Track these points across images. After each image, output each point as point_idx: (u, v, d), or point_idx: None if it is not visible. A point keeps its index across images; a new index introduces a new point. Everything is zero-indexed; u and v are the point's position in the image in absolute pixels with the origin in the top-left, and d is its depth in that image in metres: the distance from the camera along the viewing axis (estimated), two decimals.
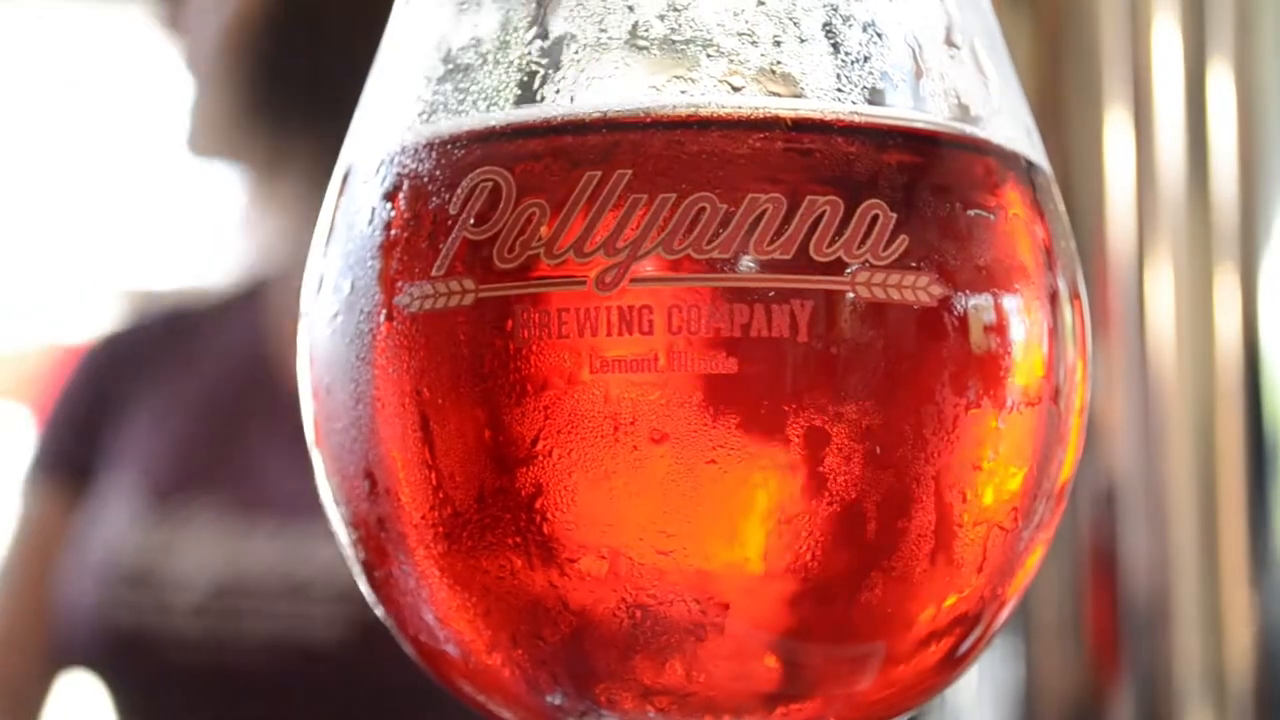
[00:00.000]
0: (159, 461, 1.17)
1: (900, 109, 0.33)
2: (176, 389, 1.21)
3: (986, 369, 0.32)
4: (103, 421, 1.23)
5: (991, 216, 0.33)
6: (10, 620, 1.25)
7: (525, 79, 0.33)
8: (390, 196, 0.33)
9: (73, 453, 1.24)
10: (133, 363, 1.26)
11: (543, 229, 0.31)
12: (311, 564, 1.07)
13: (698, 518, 0.30)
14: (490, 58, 0.33)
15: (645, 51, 0.32)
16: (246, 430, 1.16)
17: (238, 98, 1.21)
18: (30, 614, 1.23)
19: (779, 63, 0.32)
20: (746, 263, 0.30)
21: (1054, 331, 0.34)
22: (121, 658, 1.13)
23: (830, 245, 0.30)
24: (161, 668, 1.10)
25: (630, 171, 0.31)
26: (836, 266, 0.30)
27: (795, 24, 0.32)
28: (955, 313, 0.31)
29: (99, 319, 1.38)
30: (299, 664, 1.06)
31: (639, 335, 0.30)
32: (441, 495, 0.32)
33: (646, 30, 0.32)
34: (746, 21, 0.32)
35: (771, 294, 0.30)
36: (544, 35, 0.33)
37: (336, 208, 0.35)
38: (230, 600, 1.08)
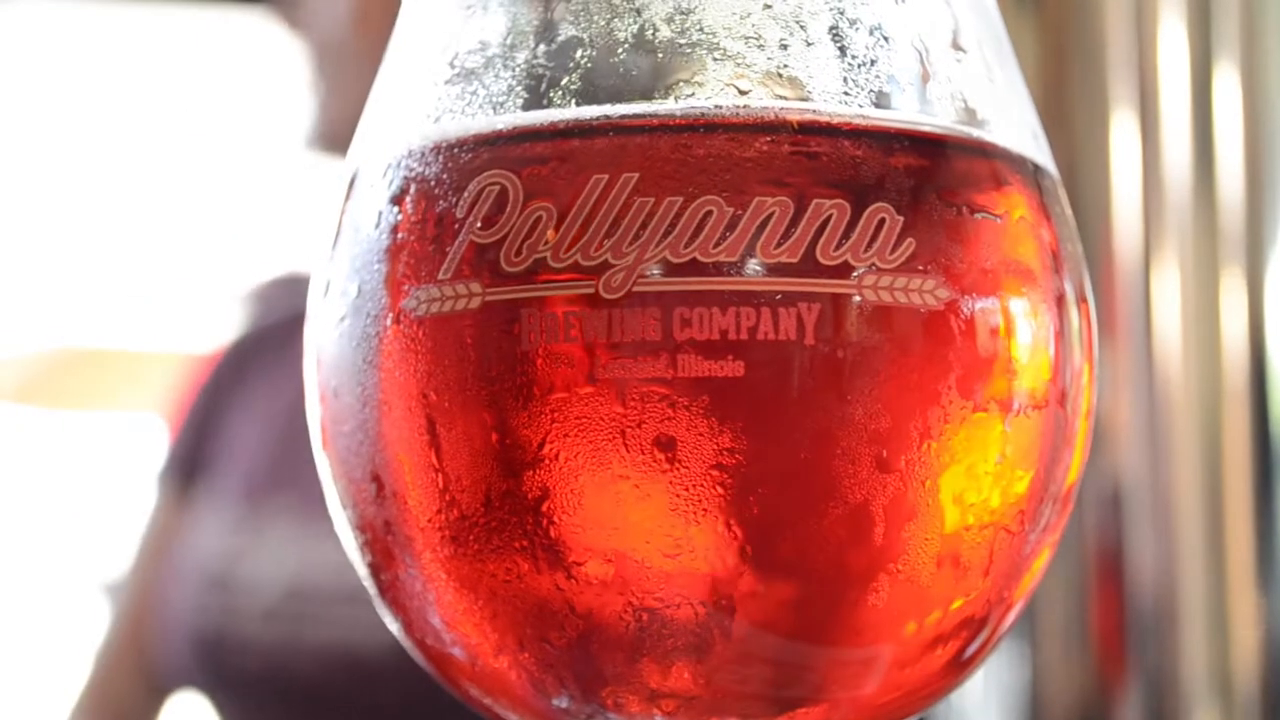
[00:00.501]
0: (254, 464, 1.17)
1: (907, 112, 0.33)
2: (278, 391, 1.21)
3: (993, 372, 0.32)
4: (215, 429, 1.23)
5: (998, 220, 0.33)
6: (122, 634, 1.24)
7: (532, 82, 0.33)
8: (397, 200, 0.33)
9: (191, 462, 1.24)
10: (246, 367, 1.26)
11: (549, 232, 0.31)
12: None
13: (704, 521, 0.30)
14: (497, 61, 0.33)
15: (652, 55, 0.32)
16: None
17: (360, 95, 1.20)
18: (143, 630, 1.22)
19: (785, 66, 0.32)
20: (753, 266, 0.30)
21: (1060, 335, 0.34)
22: (218, 668, 1.11)
23: (837, 248, 0.30)
24: (259, 678, 1.08)
25: (637, 175, 0.31)
26: (843, 270, 0.30)
27: (802, 27, 0.32)
28: (962, 316, 0.31)
29: (225, 325, 1.38)
30: (367, 671, 1.04)
31: (646, 338, 0.30)
32: (448, 498, 0.32)
33: (653, 34, 0.32)
34: (753, 25, 0.32)
35: (778, 297, 0.30)
36: (551, 39, 0.33)
37: (343, 211, 0.35)
38: (302, 604, 1.07)
